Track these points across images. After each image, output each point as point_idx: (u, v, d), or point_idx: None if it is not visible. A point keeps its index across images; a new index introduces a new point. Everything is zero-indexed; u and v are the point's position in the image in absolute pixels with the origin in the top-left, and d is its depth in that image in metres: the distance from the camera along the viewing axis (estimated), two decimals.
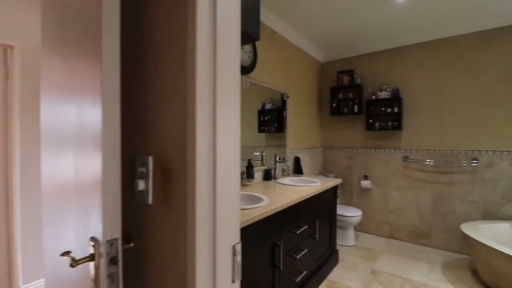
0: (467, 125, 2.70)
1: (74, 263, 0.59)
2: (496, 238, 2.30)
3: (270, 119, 2.68)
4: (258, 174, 2.39)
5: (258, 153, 2.46)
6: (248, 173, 2.15)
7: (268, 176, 2.45)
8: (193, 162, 0.51)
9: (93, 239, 0.60)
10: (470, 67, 2.68)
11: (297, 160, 3.00)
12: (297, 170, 2.98)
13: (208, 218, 0.54)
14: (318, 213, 2.17)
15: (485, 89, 2.60)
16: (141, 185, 0.62)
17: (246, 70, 2.23)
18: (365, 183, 3.24)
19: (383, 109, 3.07)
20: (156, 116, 0.62)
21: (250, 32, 1.23)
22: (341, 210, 2.90)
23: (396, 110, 2.97)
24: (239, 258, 0.62)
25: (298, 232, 1.79)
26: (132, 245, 0.67)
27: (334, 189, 2.47)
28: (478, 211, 2.64)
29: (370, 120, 3.15)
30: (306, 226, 1.91)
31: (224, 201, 0.57)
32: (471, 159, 2.66)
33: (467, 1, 2.22)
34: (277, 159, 2.57)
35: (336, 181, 2.45)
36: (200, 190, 0.52)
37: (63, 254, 0.67)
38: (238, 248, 0.62)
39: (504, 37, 2.50)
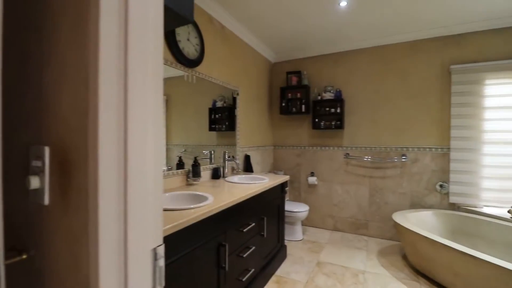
0: (397, 124, 3.02)
1: None
2: (420, 225, 2.60)
3: (221, 117, 2.61)
4: (206, 173, 2.30)
5: (207, 152, 2.37)
6: (194, 171, 2.05)
7: (216, 174, 2.38)
8: (95, 151, 0.43)
9: None
10: (401, 72, 2.99)
11: (247, 158, 2.98)
12: (248, 168, 2.96)
13: (117, 218, 0.45)
14: (266, 210, 2.17)
15: (412, 93, 2.94)
16: (34, 182, 0.51)
17: (193, 63, 2.12)
18: (312, 180, 3.39)
19: (327, 109, 3.24)
20: (55, 98, 0.51)
21: (183, 12, 1.14)
22: (289, 206, 2.97)
23: (338, 110, 3.17)
24: (161, 262, 0.54)
25: (245, 230, 1.76)
26: (24, 257, 0.54)
27: (282, 186, 2.51)
28: (407, 201, 2.97)
29: (316, 120, 3.30)
30: (253, 224, 1.89)
31: (140, 198, 0.49)
32: (401, 155, 2.98)
33: (400, 13, 2.46)
34: (226, 157, 2.51)
35: (284, 178, 2.50)
36: (105, 185, 0.43)
37: None
38: (161, 251, 0.54)
39: (428, 47, 2.85)
